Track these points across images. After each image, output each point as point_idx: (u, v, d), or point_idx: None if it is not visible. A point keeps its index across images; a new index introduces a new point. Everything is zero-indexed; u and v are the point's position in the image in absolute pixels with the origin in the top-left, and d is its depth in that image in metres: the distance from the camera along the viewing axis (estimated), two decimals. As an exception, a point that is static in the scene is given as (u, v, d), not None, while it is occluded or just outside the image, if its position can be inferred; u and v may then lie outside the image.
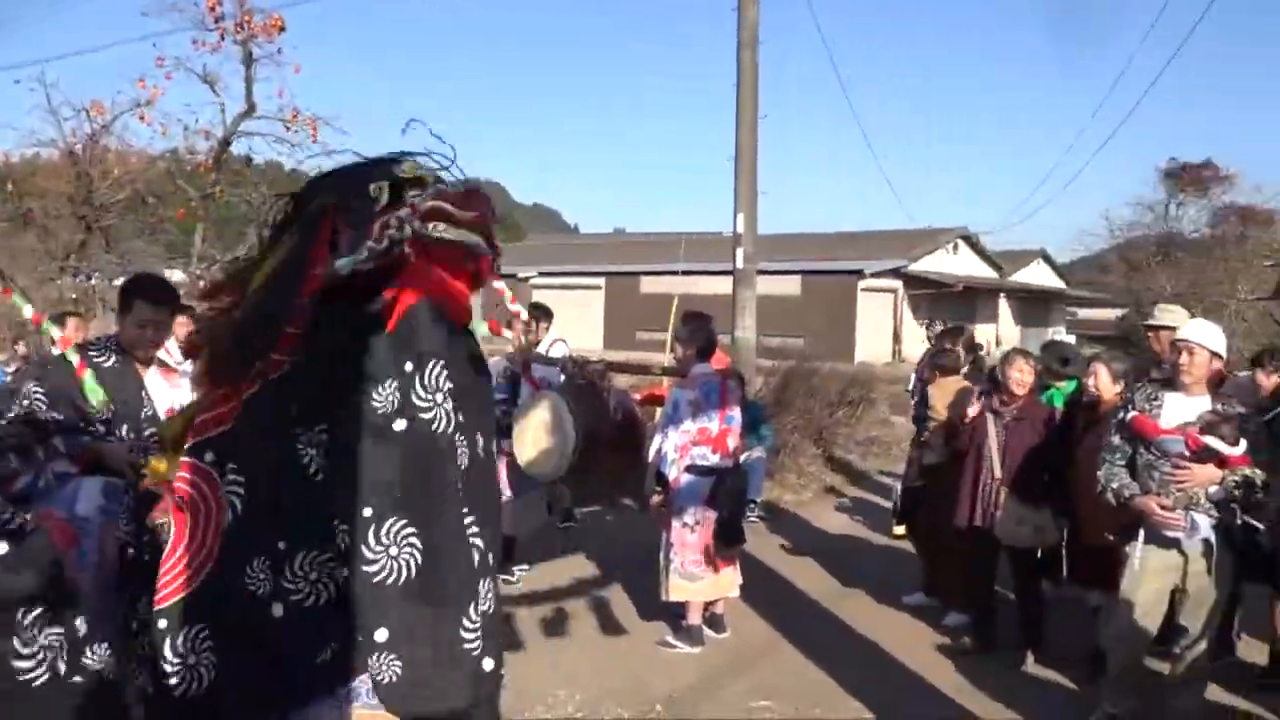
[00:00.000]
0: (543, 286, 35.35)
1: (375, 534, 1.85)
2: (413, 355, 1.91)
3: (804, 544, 7.92)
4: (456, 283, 2.01)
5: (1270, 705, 4.57)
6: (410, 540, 1.87)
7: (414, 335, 1.91)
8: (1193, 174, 32.47)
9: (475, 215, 1.95)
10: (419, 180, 1.94)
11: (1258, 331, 24.99)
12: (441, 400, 1.91)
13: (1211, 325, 4.42)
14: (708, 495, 5.32)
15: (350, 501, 1.86)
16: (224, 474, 1.92)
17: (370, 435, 1.87)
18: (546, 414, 4.99)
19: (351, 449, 1.88)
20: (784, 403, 10.95)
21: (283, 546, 1.91)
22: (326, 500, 1.90)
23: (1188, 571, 4.15)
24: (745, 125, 11.07)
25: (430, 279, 1.95)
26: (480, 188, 2.00)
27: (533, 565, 6.80)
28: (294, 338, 1.89)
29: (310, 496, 1.91)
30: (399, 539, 1.86)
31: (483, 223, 1.97)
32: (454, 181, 1.95)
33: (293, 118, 13.74)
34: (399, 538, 1.86)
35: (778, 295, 27.15)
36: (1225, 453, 4.03)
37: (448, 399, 1.92)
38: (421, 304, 1.92)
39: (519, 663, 5.16)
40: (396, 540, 1.86)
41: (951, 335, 6.91)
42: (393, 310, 1.90)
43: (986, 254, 37.28)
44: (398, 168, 1.93)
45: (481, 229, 1.98)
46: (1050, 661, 5.25)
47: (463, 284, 2.03)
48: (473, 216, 1.95)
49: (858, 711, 4.60)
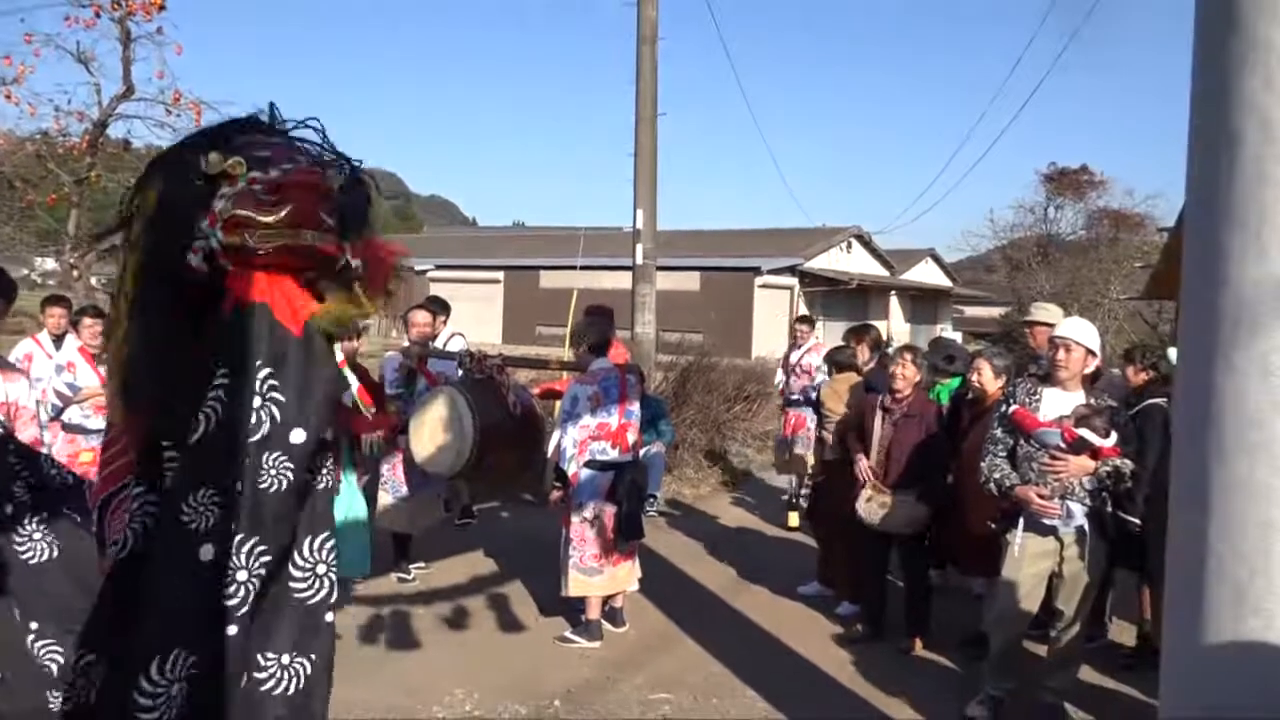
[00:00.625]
0: (440, 280, 34.82)
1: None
2: (227, 363, 1.74)
3: (702, 537, 8.01)
4: (286, 285, 1.82)
5: (1137, 684, 4.83)
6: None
7: (228, 343, 1.75)
8: (1070, 179, 34.00)
9: (287, 214, 1.75)
10: (228, 175, 1.77)
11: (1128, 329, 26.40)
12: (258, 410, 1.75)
13: (1087, 323, 4.64)
14: (607, 490, 5.33)
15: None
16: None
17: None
18: (444, 409, 4.91)
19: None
20: (683, 397, 11.04)
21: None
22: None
23: (1063, 557, 4.36)
24: (645, 121, 11.11)
25: (254, 284, 1.78)
26: (300, 169, 1.80)
27: (429, 563, 6.70)
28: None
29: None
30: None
31: (300, 220, 1.76)
32: (265, 178, 1.74)
33: (175, 100, 13.12)
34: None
35: (677, 291, 27.38)
36: (1098, 444, 4.25)
37: (260, 411, 1.75)
38: (239, 311, 1.76)
39: (415, 662, 5.08)
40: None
41: (856, 334, 7.06)
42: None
43: (879, 253, 38.31)
44: (204, 161, 1.77)
45: (305, 224, 1.77)
46: (936, 646, 5.44)
47: (295, 285, 1.83)
48: (283, 217, 1.74)
49: (753, 700, 4.68)
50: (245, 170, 1.73)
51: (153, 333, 1.78)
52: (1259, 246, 2.48)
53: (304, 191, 1.76)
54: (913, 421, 5.48)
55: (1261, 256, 2.47)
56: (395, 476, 6.33)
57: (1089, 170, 33.97)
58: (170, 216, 1.77)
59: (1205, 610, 2.62)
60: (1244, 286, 2.51)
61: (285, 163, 1.77)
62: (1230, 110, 2.53)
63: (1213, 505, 2.59)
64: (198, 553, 1.69)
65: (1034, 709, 4.49)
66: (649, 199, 11.33)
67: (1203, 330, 2.63)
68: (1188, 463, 2.72)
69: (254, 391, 1.75)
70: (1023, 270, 32.13)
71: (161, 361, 1.78)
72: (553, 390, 7.10)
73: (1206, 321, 2.61)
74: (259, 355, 1.77)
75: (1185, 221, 2.82)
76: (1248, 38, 2.49)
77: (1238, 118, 2.51)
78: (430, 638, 5.43)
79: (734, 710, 4.58)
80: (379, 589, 6.13)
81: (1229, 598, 2.56)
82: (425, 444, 5.01)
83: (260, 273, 1.78)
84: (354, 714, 4.31)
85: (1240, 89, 2.51)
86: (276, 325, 1.80)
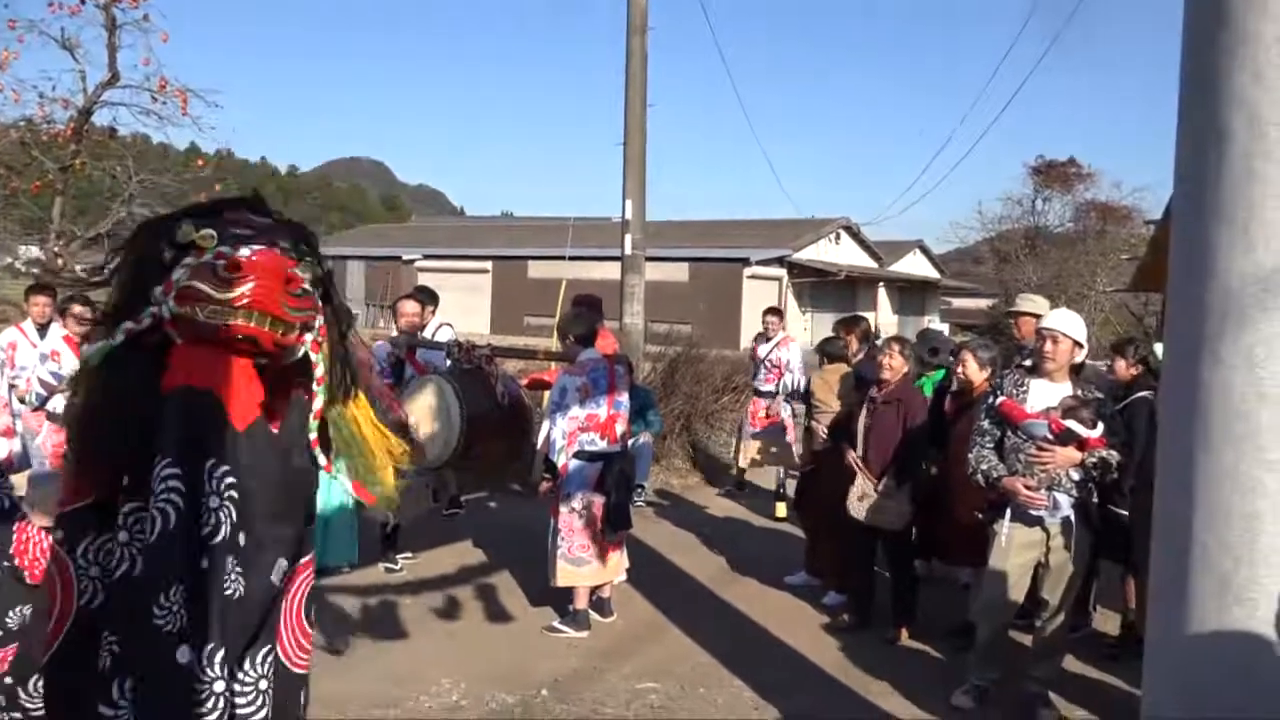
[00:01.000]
0: (428, 270, 34.69)
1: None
2: (173, 453, 1.67)
3: (690, 528, 8.03)
4: (240, 366, 1.74)
5: (1121, 673, 4.87)
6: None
7: (173, 429, 1.67)
8: (1058, 171, 34.11)
9: (243, 296, 1.66)
10: (197, 246, 1.67)
11: (1114, 322, 26.54)
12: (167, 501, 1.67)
13: (1074, 315, 4.67)
14: (595, 481, 5.33)
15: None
16: (73, 553, 1.71)
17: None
18: (432, 399, 4.90)
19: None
20: (671, 388, 11.04)
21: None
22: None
23: (1049, 547, 4.38)
24: (634, 111, 11.08)
25: (199, 364, 1.70)
26: (266, 252, 1.71)
27: (416, 553, 6.69)
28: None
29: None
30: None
31: (258, 304, 1.67)
32: (231, 254, 1.67)
33: (161, 88, 13.02)
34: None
35: (666, 282, 27.37)
36: (1084, 435, 4.27)
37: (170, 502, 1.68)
38: (176, 394, 1.68)
39: (402, 651, 5.08)
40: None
41: (846, 325, 7.08)
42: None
43: (867, 244, 38.35)
44: (178, 230, 1.69)
45: (264, 308, 1.68)
46: (922, 636, 5.47)
47: (247, 366, 1.75)
48: (239, 297, 1.66)
49: (740, 690, 4.70)
50: (214, 244, 1.68)
51: (114, 388, 1.73)
52: (1246, 241, 2.49)
53: (267, 275, 1.69)
54: (891, 408, 5.50)
55: (1248, 251, 2.49)
56: (383, 466, 6.31)
57: (1077, 163, 34.14)
58: (137, 278, 1.74)
59: (1190, 600, 2.64)
60: (1230, 280, 2.52)
61: (259, 244, 1.71)
62: (1219, 105, 2.54)
63: (1198, 496, 2.61)
64: (174, 656, 1.64)
65: (1019, 698, 4.52)
66: (638, 189, 11.30)
67: (1189, 323, 2.65)
68: (1174, 454, 2.74)
69: (210, 490, 1.68)
70: (1010, 262, 32.27)
71: (121, 418, 1.72)
72: (541, 380, 7.09)
73: (1193, 314, 2.63)
74: (209, 448, 1.69)
75: (1173, 215, 2.83)
76: (1236, 32, 2.50)
77: (1226, 112, 2.52)
78: (418, 627, 5.43)
79: (721, 699, 4.60)
80: (366, 579, 6.13)
81: (1213, 588, 2.58)
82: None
83: (212, 353, 1.71)
84: (341, 704, 4.32)
85: (1229, 83, 2.51)
86: (224, 415, 1.71)
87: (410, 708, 4.38)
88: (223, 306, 1.69)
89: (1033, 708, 4.45)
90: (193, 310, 1.70)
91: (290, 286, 1.73)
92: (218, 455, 1.72)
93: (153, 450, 1.68)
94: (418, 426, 4.98)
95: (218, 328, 1.70)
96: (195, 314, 1.70)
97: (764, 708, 4.51)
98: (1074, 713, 4.50)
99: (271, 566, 1.77)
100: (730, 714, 4.44)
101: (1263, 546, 2.51)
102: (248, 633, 1.75)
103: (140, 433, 1.69)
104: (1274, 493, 2.49)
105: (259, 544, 1.73)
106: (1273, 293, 2.46)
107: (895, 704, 4.60)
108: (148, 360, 1.73)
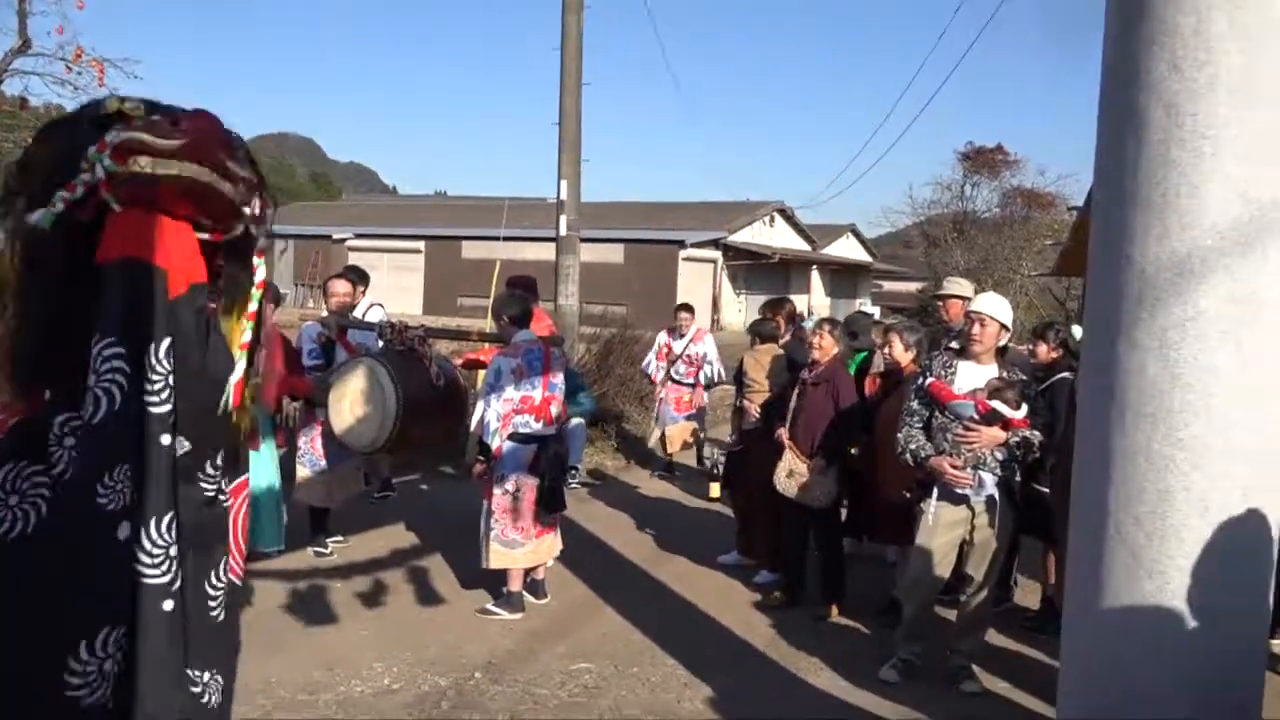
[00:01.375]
0: (359, 249, 34.11)
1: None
2: (114, 331, 1.67)
3: (624, 508, 8.05)
4: (181, 233, 1.74)
5: (1041, 646, 5.03)
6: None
7: (112, 305, 1.67)
8: (986, 157, 34.74)
9: (183, 142, 1.69)
10: (125, 116, 1.68)
11: (1038, 305, 27.23)
12: (112, 381, 1.68)
13: (1001, 299, 4.78)
14: (530, 463, 5.31)
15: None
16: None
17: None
18: (364, 381, 4.82)
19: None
20: (606, 370, 11.04)
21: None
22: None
23: (974, 525, 4.50)
24: (569, 91, 11.01)
25: (139, 231, 1.69)
26: (201, 112, 1.74)
27: (347, 537, 6.60)
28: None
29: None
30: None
31: (199, 153, 1.70)
32: (166, 115, 1.70)
33: (76, 57, 12.52)
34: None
35: (601, 263, 27.32)
36: (1009, 416, 4.39)
37: (118, 379, 1.68)
38: (118, 264, 1.67)
39: (334, 636, 5.02)
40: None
41: (772, 307, 7.15)
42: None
43: (801, 227, 38.76)
44: (100, 105, 1.68)
45: (205, 159, 1.71)
46: (851, 613, 5.58)
47: (188, 233, 1.75)
48: (179, 144, 1.68)
49: (674, 668, 4.74)
50: (144, 114, 1.67)
51: (40, 304, 1.69)
52: (1161, 226, 2.57)
53: (206, 132, 1.68)
54: (821, 389, 5.59)
55: (1163, 237, 2.57)
56: (313, 449, 6.21)
57: (1004, 150, 34.76)
58: (57, 159, 1.68)
59: (1104, 573, 2.73)
60: (1145, 265, 2.60)
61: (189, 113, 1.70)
62: (1138, 93, 2.61)
63: (1114, 473, 2.70)
64: (115, 532, 1.65)
65: (943, 671, 4.65)
66: (573, 170, 11.24)
67: (1107, 307, 2.73)
68: (1091, 433, 2.83)
69: (155, 366, 1.68)
70: (939, 246, 32.79)
71: (51, 333, 1.68)
72: (476, 361, 7.03)
73: (1110, 299, 2.71)
74: (153, 323, 1.68)
75: (1093, 201, 2.91)
76: (1156, 21, 2.57)
77: (1144, 100, 2.60)
78: (348, 611, 5.37)
79: (655, 678, 4.64)
80: (296, 563, 6.02)
81: (1126, 561, 2.68)
82: (345, 416, 4.91)
83: (151, 219, 1.69)
84: (270, 688, 4.25)
85: (1148, 72, 2.59)
86: (166, 286, 1.69)
87: (341, 692, 4.33)
88: (164, 155, 1.65)
89: (956, 680, 4.58)
90: (131, 164, 1.65)
91: (232, 149, 1.71)
92: (161, 330, 1.70)
93: (89, 335, 1.64)
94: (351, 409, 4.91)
95: (159, 179, 1.66)
96: (134, 166, 1.66)
97: (696, 685, 4.55)
98: (996, 684, 4.63)
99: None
100: (663, 693, 4.48)
101: (1174, 522, 2.61)
102: (202, 523, 1.77)
103: (75, 326, 1.66)
104: (1185, 471, 2.59)
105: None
106: (1186, 278, 2.55)
107: (825, 679, 4.69)
108: (79, 241, 1.69)
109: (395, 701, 4.27)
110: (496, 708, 4.25)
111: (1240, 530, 2.59)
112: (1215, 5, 2.49)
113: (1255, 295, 2.54)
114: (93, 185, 1.66)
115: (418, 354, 4.95)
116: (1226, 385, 2.55)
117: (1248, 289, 2.53)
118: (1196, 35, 2.50)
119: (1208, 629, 2.61)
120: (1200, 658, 2.64)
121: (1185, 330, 2.56)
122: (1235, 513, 2.59)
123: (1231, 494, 2.59)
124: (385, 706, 4.21)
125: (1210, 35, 2.49)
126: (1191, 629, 2.62)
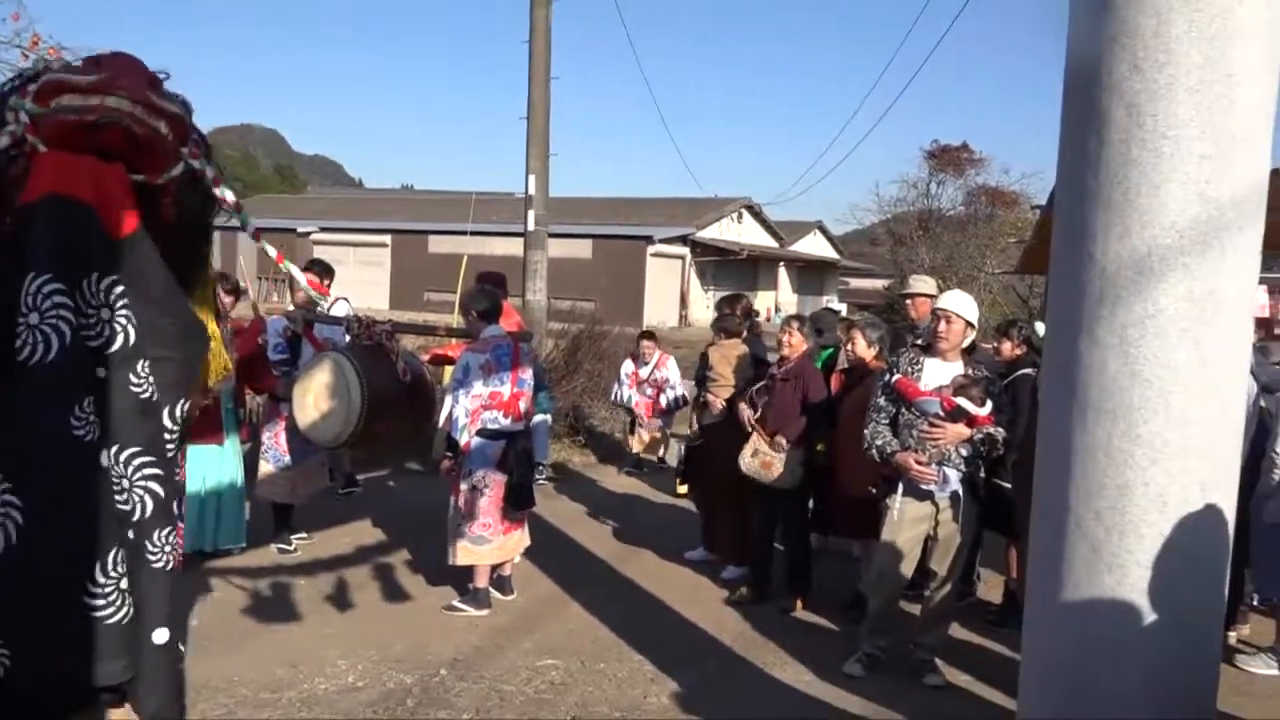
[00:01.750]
0: (325, 243, 33.78)
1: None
2: (30, 266, 1.58)
3: (590, 504, 8.05)
4: (110, 172, 1.65)
5: (1004, 639, 5.10)
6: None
7: (32, 241, 1.58)
8: (951, 156, 35.04)
9: (104, 78, 1.59)
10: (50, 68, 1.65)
11: (1002, 303, 27.51)
12: (54, 319, 1.59)
13: (967, 297, 4.83)
14: (498, 459, 5.29)
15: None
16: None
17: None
18: (329, 376, 4.76)
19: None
20: (574, 366, 11.01)
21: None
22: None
23: (938, 521, 4.55)
24: (538, 84, 10.96)
25: (63, 169, 1.60)
26: (121, 52, 1.65)
27: (311, 533, 6.54)
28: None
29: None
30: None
31: (120, 85, 1.60)
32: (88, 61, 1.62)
33: (33, 45, 12.25)
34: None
35: (569, 258, 27.27)
36: (974, 413, 4.44)
37: (58, 312, 1.59)
38: (44, 200, 1.58)
39: (298, 633, 4.97)
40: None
41: (730, 302, 7.16)
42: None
43: (769, 224, 38.92)
44: (32, 69, 1.64)
45: (127, 91, 1.61)
46: (817, 607, 5.62)
47: (119, 172, 1.67)
48: (99, 78, 1.58)
49: (640, 664, 4.75)
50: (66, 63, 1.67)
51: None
52: (1122, 225, 2.61)
53: (127, 66, 1.62)
54: (789, 385, 5.61)
55: (1124, 235, 2.60)
56: (277, 445, 6.14)
57: (969, 148, 35.08)
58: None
59: (1065, 567, 2.77)
60: (1106, 262, 2.64)
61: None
62: (1099, 93, 2.64)
63: (1074, 468, 2.73)
64: (99, 460, 1.65)
65: (908, 665, 4.69)
66: (541, 164, 11.21)
67: (1069, 304, 2.76)
68: (1052, 428, 2.86)
69: (100, 303, 1.64)
70: (905, 244, 33.04)
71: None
72: (444, 356, 6.98)
73: (1072, 296, 2.74)
74: (90, 258, 1.62)
75: (1055, 199, 2.95)
76: (1118, 22, 2.60)
77: (1106, 100, 2.63)
78: (312, 608, 5.31)
79: (621, 673, 4.64)
80: (259, 560, 5.96)
81: (1086, 555, 2.72)
82: (310, 411, 4.84)
83: (75, 158, 1.61)
84: (232, 686, 4.20)
85: (1110, 72, 2.62)
86: (97, 221, 1.62)
87: (305, 690, 4.28)
88: (85, 90, 1.62)
89: (920, 674, 4.62)
90: (55, 103, 1.62)
91: (156, 83, 1.69)
92: (100, 266, 1.66)
93: (21, 271, 1.60)
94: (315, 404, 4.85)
95: (79, 109, 1.62)
96: (58, 104, 1.62)
97: (663, 680, 4.56)
98: (959, 678, 4.68)
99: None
100: (630, 688, 4.48)
101: (1133, 517, 2.65)
102: (153, 432, 1.77)
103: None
104: (1143, 466, 2.63)
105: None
106: (1146, 276, 2.58)
107: (790, 673, 4.72)
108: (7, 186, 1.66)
109: (360, 699, 4.23)
110: (462, 705, 4.23)
111: (1197, 525, 2.63)
112: (1175, 7, 2.52)
113: (1214, 294, 2.58)
114: (19, 135, 1.63)
115: (385, 349, 4.90)
116: (1185, 382, 2.59)
117: (1206, 287, 2.57)
118: (1157, 37, 2.54)
119: (1165, 622, 2.66)
120: (1156, 650, 2.68)
121: (1145, 328, 2.60)
122: (1193, 508, 2.63)
123: (1189, 489, 2.63)
124: (349, 704, 4.18)
125: (1170, 37, 2.53)
126: (1149, 623, 2.66)
